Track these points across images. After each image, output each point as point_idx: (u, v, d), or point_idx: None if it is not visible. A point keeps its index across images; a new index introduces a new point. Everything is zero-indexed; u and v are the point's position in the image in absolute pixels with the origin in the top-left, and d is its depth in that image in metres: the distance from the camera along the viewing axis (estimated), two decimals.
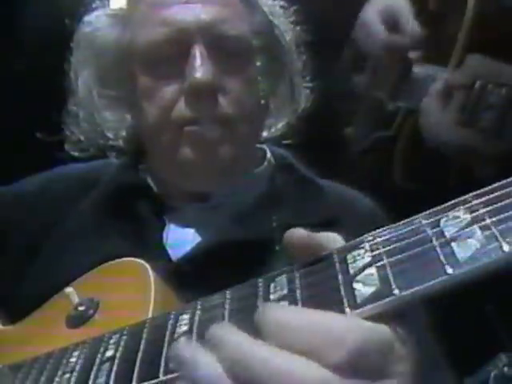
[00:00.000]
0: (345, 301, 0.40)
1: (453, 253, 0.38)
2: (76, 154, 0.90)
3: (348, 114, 1.32)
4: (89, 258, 0.76)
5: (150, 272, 0.63)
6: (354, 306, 0.39)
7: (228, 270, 0.71)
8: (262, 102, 0.87)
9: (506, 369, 0.71)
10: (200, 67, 0.77)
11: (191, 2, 0.80)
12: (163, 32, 0.79)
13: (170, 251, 0.80)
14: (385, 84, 1.22)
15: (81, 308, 0.63)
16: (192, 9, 0.80)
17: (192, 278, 0.72)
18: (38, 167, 0.96)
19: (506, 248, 0.36)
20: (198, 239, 0.82)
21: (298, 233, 0.45)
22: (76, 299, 0.64)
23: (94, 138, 0.89)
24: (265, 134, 0.94)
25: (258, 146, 0.93)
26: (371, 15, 1.17)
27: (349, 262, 0.42)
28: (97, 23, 0.87)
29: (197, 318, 0.46)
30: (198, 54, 0.78)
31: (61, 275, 0.74)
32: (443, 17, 1.18)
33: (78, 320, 0.62)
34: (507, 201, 0.38)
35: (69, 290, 0.65)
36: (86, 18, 0.88)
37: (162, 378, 0.43)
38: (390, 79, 1.21)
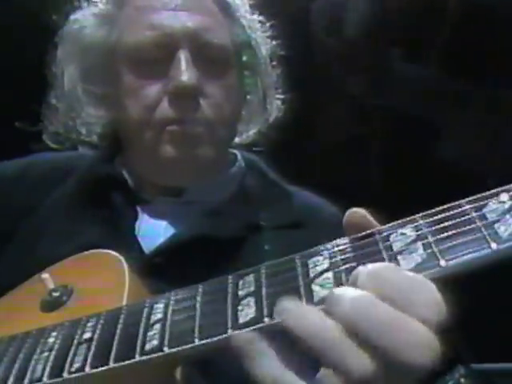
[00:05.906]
0: (303, 299, 0.45)
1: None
2: (53, 145, 0.94)
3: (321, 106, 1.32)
4: (62, 246, 0.79)
5: (125, 264, 0.66)
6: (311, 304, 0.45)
7: (198, 264, 0.75)
8: (237, 108, 0.92)
9: (462, 380, 0.73)
10: (185, 71, 0.81)
11: (178, 10, 0.84)
12: (150, 35, 0.83)
13: (141, 242, 0.84)
14: (361, 81, 1.23)
15: (55, 294, 0.65)
16: (179, 16, 0.84)
17: (163, 271, 0.75)
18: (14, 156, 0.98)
19: (442, 264, 0.42)
20: (170, 231, 0.85)
21: (360, 212, 0.49)
22: (51, 285, 0.67)
23: (69, 132, 0.93)
24: (236, 139, 0.99)
25: (230, 150, 0.98)
26: None
27: (309, 266, 0.48)
28: (83, 22, 0.90)
29: (170, 307, 0.51)
30: (183, 58, 0.82)
31: (34, 261, 0.75)
32: (421, 17, 1.19)
33: (51, 305, 0.65)
34: (449, 222, 0.44)
35: (45, 275, 0.67)
36: (73, 17, 0.91)
37: (138, 358, 0.47)
38: (366, 78, 1.21)
